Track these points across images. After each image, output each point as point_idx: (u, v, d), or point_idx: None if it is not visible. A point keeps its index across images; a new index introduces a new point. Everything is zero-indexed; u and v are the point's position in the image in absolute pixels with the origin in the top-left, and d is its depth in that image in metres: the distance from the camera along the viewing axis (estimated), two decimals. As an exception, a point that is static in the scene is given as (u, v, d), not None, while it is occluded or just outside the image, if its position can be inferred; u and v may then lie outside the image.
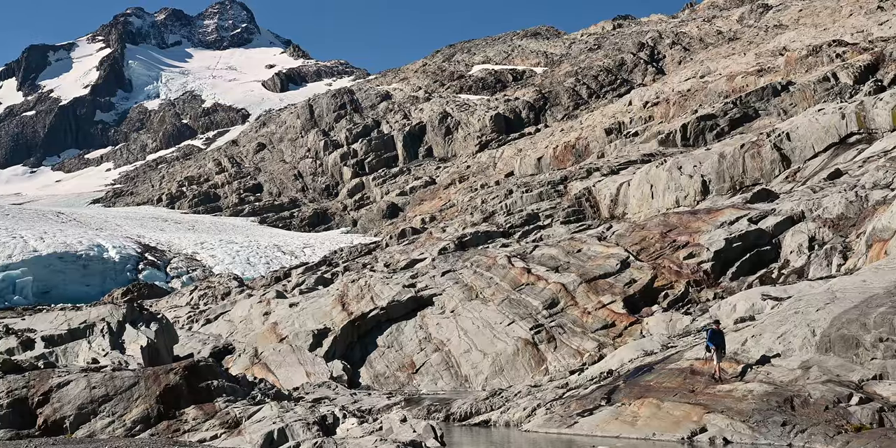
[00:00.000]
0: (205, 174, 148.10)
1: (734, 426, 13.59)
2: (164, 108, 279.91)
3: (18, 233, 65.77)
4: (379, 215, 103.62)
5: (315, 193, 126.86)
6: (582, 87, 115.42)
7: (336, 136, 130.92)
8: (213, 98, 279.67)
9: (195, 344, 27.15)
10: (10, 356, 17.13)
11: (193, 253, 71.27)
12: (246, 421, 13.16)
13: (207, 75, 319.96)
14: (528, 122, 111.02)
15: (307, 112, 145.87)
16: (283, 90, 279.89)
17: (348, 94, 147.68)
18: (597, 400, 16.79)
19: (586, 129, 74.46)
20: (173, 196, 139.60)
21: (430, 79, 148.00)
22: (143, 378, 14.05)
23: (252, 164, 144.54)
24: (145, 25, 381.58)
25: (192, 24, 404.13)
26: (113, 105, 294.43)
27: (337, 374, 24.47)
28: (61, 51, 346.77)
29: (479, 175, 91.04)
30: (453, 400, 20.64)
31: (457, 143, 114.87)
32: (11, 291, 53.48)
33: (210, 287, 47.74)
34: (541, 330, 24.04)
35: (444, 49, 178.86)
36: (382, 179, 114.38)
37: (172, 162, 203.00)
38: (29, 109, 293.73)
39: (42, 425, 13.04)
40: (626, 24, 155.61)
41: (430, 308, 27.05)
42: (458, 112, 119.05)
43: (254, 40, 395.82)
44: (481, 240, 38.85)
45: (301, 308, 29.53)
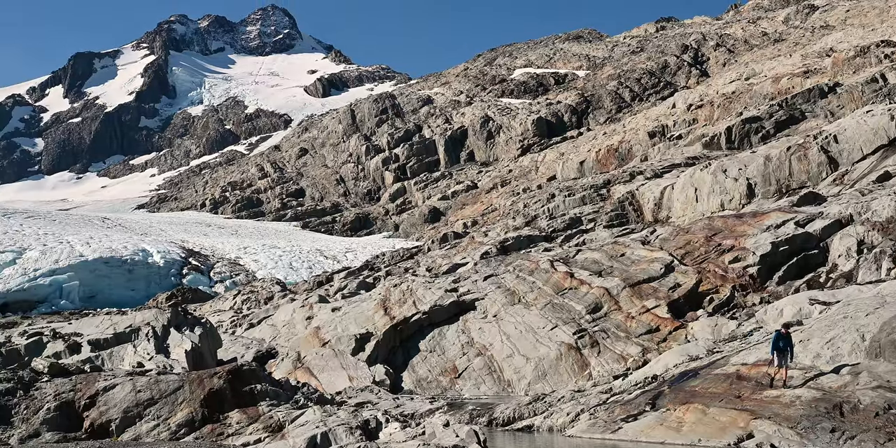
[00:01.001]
0: (248, 179, 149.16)
1: (782, 432, 13.35)
2: (207, 114, 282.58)
3: (65, 238, 66.60)
4: (421, 220, 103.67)
5: (357, 198, 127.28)
6: (625, 90, 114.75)
7: (378, 141, 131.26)
8: (256, 104, 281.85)
9: (239, 348, 27.27)
10: (58, 360, 17.30)
11: (237, 258, 71.73)
12: (289, 425, 13.17)
13: (250, 81, 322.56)
14: (570, 125, 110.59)
15: (349, 117, 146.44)
16: (324, 95, 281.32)
17: (390, 98, 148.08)
18: (641, 405, 16.59)
19: (629, 132, 73.96)
20: (217, 201, 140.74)
21: (472, 83, 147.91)
22: (187, 382, 14.10)
23: (294, 169, 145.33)
24: (189, 32, 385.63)
25: (235, 31, 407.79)
26: (157, 111, 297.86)
27: (379, 378, 24.43)
28: (106, 58, 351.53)
29: (521, 179, 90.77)
30: (496, 405, 20.52)
31: (498, 147, 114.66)
32: (58, 296, 54.10)
33: (253, 291, 47.99)
34: (584, 334, 23.83)
35: (485, 53, 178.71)
36: (424, 184, 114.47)
37: (216, 167, 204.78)
38: (75, 116, 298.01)
39: (88, 428, 13.13)
40: (670, 27, 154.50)
41: (473, 312, 26.94)
42: (500, 116, 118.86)
43: (296, 46, 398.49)
44: (523, 244, 38.68)
45: (343, 312, 29.56)
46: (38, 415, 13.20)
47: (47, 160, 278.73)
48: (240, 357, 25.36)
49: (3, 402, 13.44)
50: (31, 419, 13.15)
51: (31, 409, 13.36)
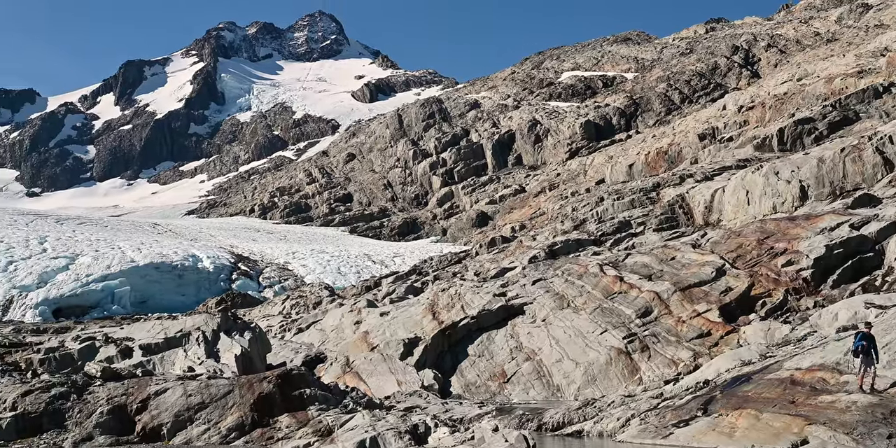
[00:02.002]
0: (296, 185, 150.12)
1: (837, 438, 13.07)
2: (255, 120, 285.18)
3: (116, 244, 67.39)
4: (468, 224, 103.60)
5: (404, 203, 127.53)
6: (674, 93, 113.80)
7: (425, 146, 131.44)
8: (304, 109, 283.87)
9: (288, 353, 27.38)
10: (110, 364, 17.48)
11: (285, 263, 72.13)
12: (338, 429, 13.16)
13: (298, 87, 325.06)
14: (618, 128, 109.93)
15: (396, 122, 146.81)
16: (372, 100, 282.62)
17: (437, 103, 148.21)
18: (693, 410, 16.35)
19: (679, 134, 73.29)
20: (265, 207, 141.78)
21: (519, 86, 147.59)
22: (237, 386, 14.17)
23: (342, 174, 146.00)
24: (237, 39, 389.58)
25: (283, 37, 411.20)
26: (206, 118, 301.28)
27: (428, 383, 24.38)
28: (156, 66, 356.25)
29: (569, 183, 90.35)
30: (545, 409, 20.37)
31: (546, 150, 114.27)
32: (110, 301, 54.75)
33: (302, 296, 48.17)
34: (634, 339, 23.60)
35: (532, 56, 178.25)
36: (472, 188, 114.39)
37: (264, 173, 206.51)
38: (126, 123, 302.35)
39: (140, 432, 13.24)
40: (720, 28, 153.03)
41: (521, 317, 26.78)
42: (548, 119, 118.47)
43: (343, 52, 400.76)
44: (572, 248, 38.44)
45: (392, 317, 29.56)
46: (91, 418, 13.34)
47: (99, 167, 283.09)
48: (289, 361, 25.45)
49: (58, 405, 13.60)
50: (85, 423, 13.29)
51: (84, 413, 13.50)
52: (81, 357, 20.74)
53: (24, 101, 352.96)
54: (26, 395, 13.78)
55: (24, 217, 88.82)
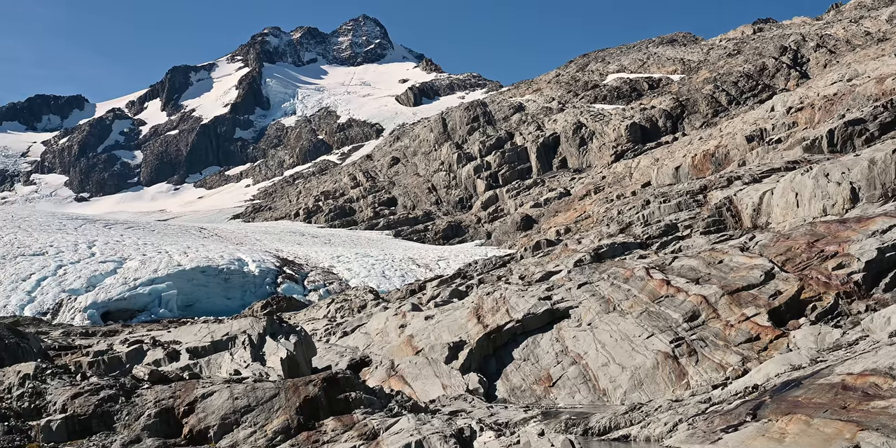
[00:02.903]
0: (340, 189, 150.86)
1: (890, 444, 12.78)
2: (300, 125, 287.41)
3: (163, 248, 68.10)
4: (513, 227, 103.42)
5: (449, 206, 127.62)
6: (721, 94, 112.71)
7: (469, 149, 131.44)
8: (348, 113, 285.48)
9: (333, 356, 27.43)
10: (157, 367, 17.62)
11: (330, 266, 72.43)
12: (384, 433, 13.13)
13: (342, 91, 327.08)
14: (664, 130, 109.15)
15: (440, 125, 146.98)
16: (416, 104, 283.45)
17: (481, 106, 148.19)
18: (742, 415, 16.11)
19: (726, 136, 72.58)
20: (310, 211, 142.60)
21: (564, 89, 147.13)
22: (283, 389, 14.21)
23: (386, 177, 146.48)
24: (282, 44, 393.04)
25: (327, 42, 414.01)
26: (251, 122, 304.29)
27: (473, 386, 24.30)
28: (202, 71, 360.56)
29: (614, 185, 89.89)
30: (591, 414, 20.20)
31: (591, 153, 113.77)
32: (157, 305, 55.30)
33: (346, 300, 48.28)
34: (681, 343, 23.34)
35: (577, 59, 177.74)
36: (516, 191, 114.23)
37: (309, 177, 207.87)
38: (172, 129, 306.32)
39: (187, 435, 13.31)
40: (767, 28, 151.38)
41: (567, 321, 26.61)
42: (593, 122, 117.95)
43: (387, 55, 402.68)
44: (618, 251, 38.16)
45: (436, 321, 29.53)
46: (139, 421, 13.43)
47: (146, 172, 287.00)
48: (334, 365, 25.50)
49: (106, 408, 13.72)
50: (133, 425, 13.38)
51: (132, 416, 13.60)
52: (129, 360, 20.95)
53: (72, 108, 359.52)
54: (76, 397, 13.92)
55: (72, 222, 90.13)
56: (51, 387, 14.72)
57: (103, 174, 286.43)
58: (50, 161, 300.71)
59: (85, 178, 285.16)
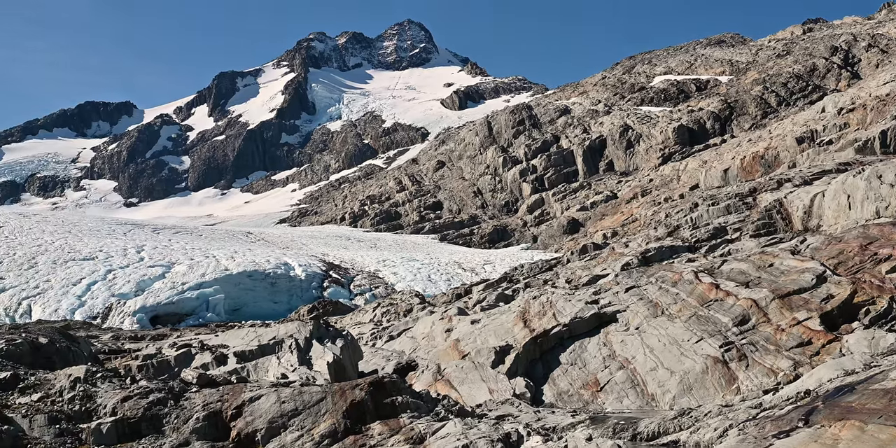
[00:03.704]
0: (386, 193, 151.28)
1: (948, 452, 12.48)
2: (345, 129, 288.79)
3: (211, 252, 68.62)
4: (559, 231, 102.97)
5: (494, 210, 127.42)
6: (770, 95, 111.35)
7: (515, 152, 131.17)
8: (393, 118, 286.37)
9: (379, 360, 27.43)
10: (206, 371, 17.73)
11: (376, 270, 72.57)
12: (430, 437, 13.08)
13: (387, 96, 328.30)
14: (712, 132, 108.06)
15: (486, 129, 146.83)
16: (461, 108, 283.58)
17: (527, 109, 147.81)
18: (793, 421, 15.81)
19: (776, 138, 71.69)
20: (356, 215, 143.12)
21: (610, 92, 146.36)
22: (329, 393, 14.22)
23: (432, 181, 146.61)
24: (327, 49, 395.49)
25: (372, 46, 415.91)
26: (297, 127, 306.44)
27: (520, 391, 24.18)
28: (248, 77, 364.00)
29: (662, 188, 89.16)
30: (640, 419, 19.98)
31: (638, 156, 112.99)
32: (205, 309, 55.70)
33: (392, 304, 48.29)
34: (731, 347, 23.03)
35: (623, 61, 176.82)
36: (562, 195, 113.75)
37: (354, 181, 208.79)
38: (219, 134, 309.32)
39: (235, 438, 13.37)
40: (818, 28, 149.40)
41: (614, 325, 26.40)
42: (640, 124, 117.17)
43: (432, 59, 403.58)
44: (666, 255, 37.78)
45: (482, 325, 29.43)
46: (187, 424, 13.52)
47: (193, 177, 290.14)
48: (380, 369, 25.51)
49: (155, 411, 13.83)
50: (182, 428, 13.47)
51: (181, 419, 13.69)
52: (178, 363, 21.12)
53: (121, 114, 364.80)
54: (125, 400, 14.05)
55: (122, 227, 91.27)
56: (101, 390, 14.87)
57: (151, 179, 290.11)
58: (99, 167, 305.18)
59: (133, 184, 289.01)
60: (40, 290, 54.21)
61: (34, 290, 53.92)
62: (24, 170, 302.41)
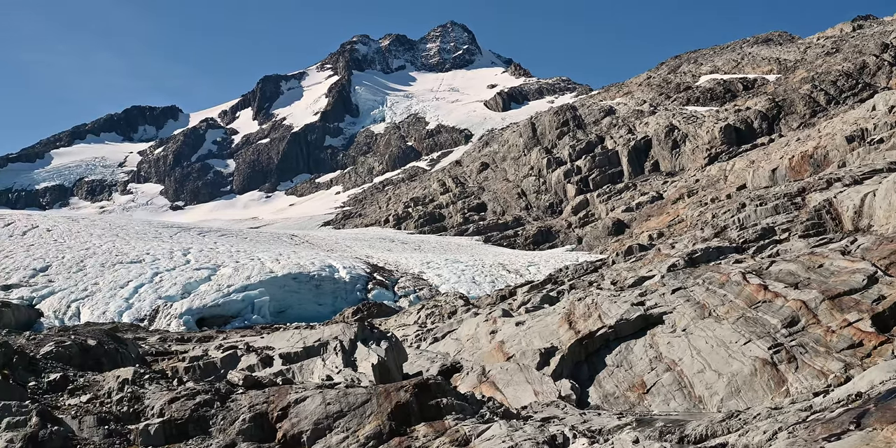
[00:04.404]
0: (430, 195, 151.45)
1: None
2: (389, 132, 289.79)
3: (256, 255, 69.02)
4: (604, 232, 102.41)
5: (539, 211, 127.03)
6: (819, 94, 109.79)
7: (559, 154, 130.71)
8: (437, 120, 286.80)
9: (423, 362, 27.41)
10: (251, 372, 17.82)
11: (420, 272, 72.59)
12: (475, 439, 13.03)
13: (431, 98, 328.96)
14: (760, 132, 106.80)
15: (529, 130, 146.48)
16: (504, 109, 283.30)
17: (571, 110, 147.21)
18: (844, 424, 15.54)
19: (825, 137, 70.71)
20: (400, 217, 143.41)
21: (655, 91, 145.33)
22: (374, 395, 14.22)
23: (476, 183, 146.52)
24: (370, 52, 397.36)
25: (415, 48, 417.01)
26: (341, 130, 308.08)
27: (565, 393, 24.03)
28: (292, 80, 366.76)
29: (708, 189, 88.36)
30: (687, 421, 19.77)
31: (684, 156, 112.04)
32: (250, 311, 56.00)
33: (437, 306, 48.27)
34: (780, 349, 22.71)
35: (669, 61, 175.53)
36: (607, 196, 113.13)
37: (398, 184, 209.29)
38: (264, 137, 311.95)
39: (281, 439, 13.42)
40: (867, 25, 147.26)
41: (661, 326, 26.16)
42: (686, 124, 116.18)
43: (475, 61, 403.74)
44: (713, 256, 37.37)
45: (527, 327, 29.32)
46: (234, 425, 13.59)
47: (238, 180, 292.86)
48: (425, 371, 25.49)
49: (202, 412, 13.92)
50: (228, 429, 13.54)
51: (227, 420, 13.77)
52: (224, 365, 21.25)
53: (167, 118, 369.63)
54: (173, 401, 14.16)
55: (168, 230, 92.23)
56: (148, 391, 15.01)
57: (197, 183, 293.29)
58: (146, 171, 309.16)
59: (179, 187, 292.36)
60: (89, 292, 54.87)
61: (83, 293, 54.60)
62: (72, 174, 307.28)
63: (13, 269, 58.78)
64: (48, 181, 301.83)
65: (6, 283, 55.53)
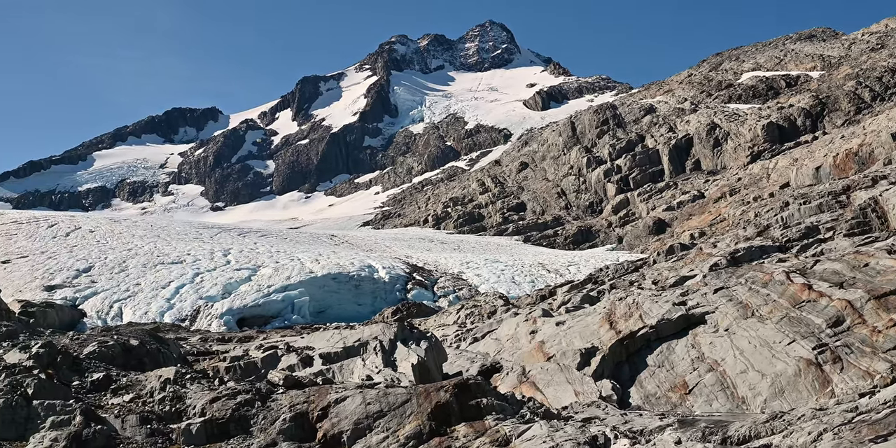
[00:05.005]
0: (469, 195, 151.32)
1: None
2: (428, 132, 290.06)
3: (296, 255, 69.30)
4: (645, 231, 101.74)
5: (579, 211, 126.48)
6: (864, 90, 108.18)
7: (599, 153, 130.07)
8: (476, 119, 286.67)
9: (463, 362, 27.36)
10: (292, 372, 17.88)
11: (459, 272, 72.51)
12: (516, 439, 12.97)
13: (469, 97, 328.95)
14: (803, 129, 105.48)
15: (569, 129, 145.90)
16: (544, 108, 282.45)
17: (611, 109, 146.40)
18: (891, 425, 15.27)
19: (870, 134, 69.71)
20: (439, 217, 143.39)
21: (696, 89, 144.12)
22: (414, 395, 14.21)
23: (515, 183, 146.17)
24: (409, 52, 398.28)
25: (454, 48, 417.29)
26: (380, 130, 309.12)
27: (606, 393, 23.88)
28: (331, 81, 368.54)
29: (751, 187, 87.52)
30: (730, 422, 19.55)
31: (726, 154, 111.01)
32: (290, 311, 56.23)
33: (476, 306, 48.17)
34: (825, 350, 22.40)
35: (710, 58, 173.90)
36: (648, 195, 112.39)
37: (437, 183, 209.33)
38: (303, 138, 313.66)
39: (321, 439, 13.44)
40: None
41: (703, 326, 25.91)
42: (727, 122, 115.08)
43: (514, 60, 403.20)
44: (755, 255, 36.97)
45: (567, 327, 29.17)
46: (274, 425, 13.64)
47: (278, 181, 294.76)
48: (465, 371, 25.45)
49: (243, 412, 13.99)
50: (269, 429, 13.60)
51: (268, 420, 13.83)
52: (264, 365, 21.35)
53: (207, 120, 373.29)
54: (214, 401, 14.25)
55: (208, 230, 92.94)
56: (190, 391, 15.11)
57: (237, 184, 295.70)
58: (186, 172, 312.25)
59: (220, 188, 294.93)
60: (131, 293, 55.44)
61: (125, 293, 55.18)
62: (114, 176, 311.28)
63: (57, 270, 59.56)
64: (91, 183, 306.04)
65: (50, 283, 56.28)
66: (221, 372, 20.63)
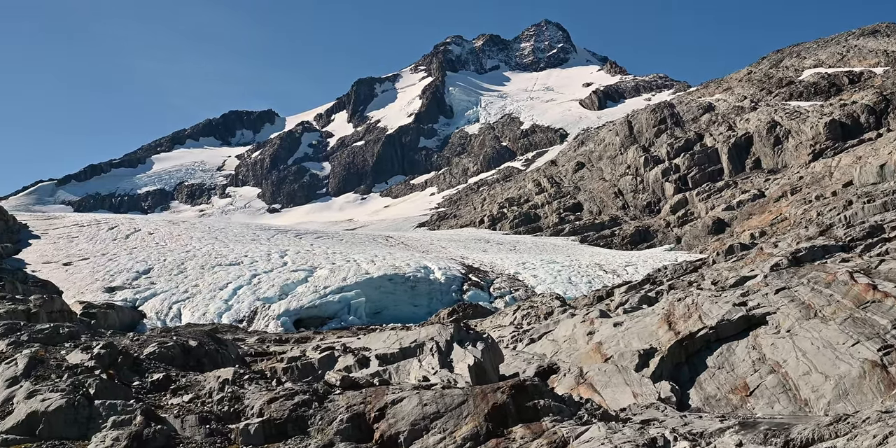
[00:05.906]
0: (525, 195, 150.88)
1: None
2: (483, 132, 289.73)
3: (352, 257, 69.61)
4: (704, 231, 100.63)
5: (636, 211, 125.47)
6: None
7: (657, 152, 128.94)
8: (531, 119, 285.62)
9: (520, 363, 27.25)
10: (348, 373, 17.93)
11: (515, 273, 72.27)
12: (573, 441, 12.85)
13: (525, 97, 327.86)
14: (867, 127, 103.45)
15: (626, 128, 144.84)
16: (600, 108, 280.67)
17: (668, 107, 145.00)
18: (961, 430, 14.90)
19: (933, 131, 68.26)
20: (494, 217, 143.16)
21: (756, 87, 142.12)
22: (471, 396, 14.16)
23: (571, 183, 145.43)
24: (464, 52, 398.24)
25: (509, 48, 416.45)
26: (435, 131, 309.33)
27: (665, 395, 23.59)
28: (386, 82, 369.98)
29: (812, 186, 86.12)
30: (792, 425, 19.17)
31: (787, 153, 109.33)
32: (347, 312, 56.47)
33: (532, 307, 47.96)
34: (890, 351, 21.91)
35: (770, 55, 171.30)
36: (707, 194, 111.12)
37: (493, 184, 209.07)
38: (358, 140, 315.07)
39: (378, 440, 13.46)
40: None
41: (764, 327, 25.49)
42: (788, 120, 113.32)
43: (570, 60, 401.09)
44: (818, 255, 36.30)
45: (625, 327, 28.90)
46: (331, 426, 13.67)
47: (334, 182, 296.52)
48: (521, 372, 25.33)
49: (300, 412, 14.05)
50: (326, 429, 13.64)
51: (325, 420, 13.87)
52: (321, 366, 21.45)
53: (264, 122, 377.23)
54: (271, 402, 14.34)
55: (265, 232, 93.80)
56: (248, 391, 15.23)
57: (293, 186, 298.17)
58: (243, 174, 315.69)
59: (276, 190, 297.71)
60: (189, 294, 56.12)
61: (183, 295, 55.87)
62: (172, 178, 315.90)
63: (117, 272, 60.54)
64: (150, 186, 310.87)
65: (110, 285, 57.22)
66: (279, 372, 20.77)
